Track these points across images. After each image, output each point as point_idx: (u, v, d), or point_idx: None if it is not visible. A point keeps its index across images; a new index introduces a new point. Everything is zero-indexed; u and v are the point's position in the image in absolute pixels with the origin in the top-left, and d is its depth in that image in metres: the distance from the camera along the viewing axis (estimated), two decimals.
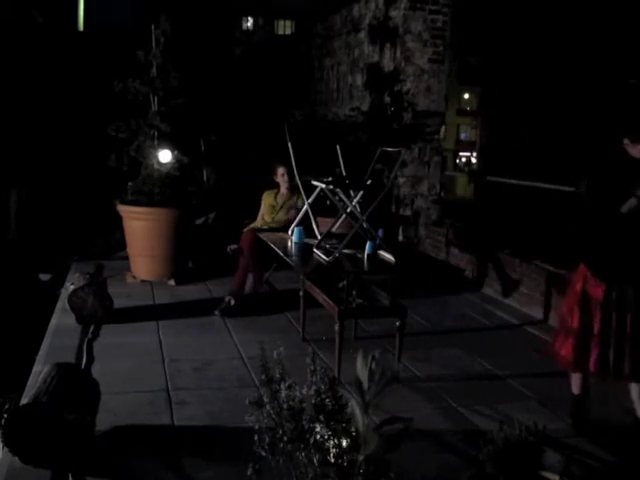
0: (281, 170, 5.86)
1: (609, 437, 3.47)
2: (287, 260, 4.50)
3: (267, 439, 2.01)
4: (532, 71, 10.57)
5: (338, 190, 4.63)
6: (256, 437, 2.03)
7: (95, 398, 3.15)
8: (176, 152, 6.45)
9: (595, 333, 3.37)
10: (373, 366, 1.73)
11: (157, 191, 6.29)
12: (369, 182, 4.86)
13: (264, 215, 6.00)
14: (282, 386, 2.05)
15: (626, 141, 3.36)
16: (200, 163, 7.71)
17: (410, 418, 1.93)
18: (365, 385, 1.72)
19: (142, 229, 6.26)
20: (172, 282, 6.27)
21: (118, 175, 6.44)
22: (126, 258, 6.56)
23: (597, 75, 9.79)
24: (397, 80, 7.85)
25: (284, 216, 5.84)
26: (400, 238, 7.95)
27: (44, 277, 6.94)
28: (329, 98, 10.14)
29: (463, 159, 31.92)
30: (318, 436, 1.93)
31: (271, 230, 5.56)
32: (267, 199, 6.03)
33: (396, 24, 7.88)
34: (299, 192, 5.54)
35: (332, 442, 1.90)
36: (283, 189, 5.97)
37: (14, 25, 10.57)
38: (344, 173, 5.04)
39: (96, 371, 3.32)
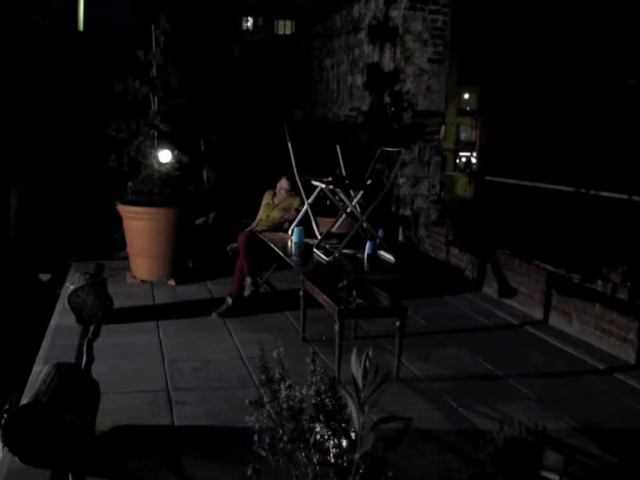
0: (284, 184, 5.89)
1: (609, 437, 3.47)
2: (287, 260, 4.51)
3: (267, 439, 2.01)
4: (532, 71, 10.57)
5: (338, 190, 4.64)
6: (256, 437, 2.03)
7: (95, 398, 3.16)
8: (176, 152, 6.45)
9: None
10: (367, 364, 1.73)
11: (157, 191, 6.29)
12: (369, 182, 4.86)
13: (261, 214, 6.04)
14: (282, 386, 2.05)
15: None
16: (200, 163, 7.72)
17: (409, 418, 1.93)
18: (360, 383, 1.72)
19: (142, 229, 6.26)
20: (172, 282, 6.27)
21: (118, 175, 6.44)
22: (126, 258, 6.55)
23: (597, 75, 9.79)
24: (397, 80, 7.85)
25: (278, 214, 5.88)
26: (400, 238, 7.95)
27: (44, 277, 6.94)
28: (329, 98, 10.14)
29: (463, 159, 31.96)
30: (318, 436, 1.93)
31: (268, 230, 5.58)
32: (266, 198, 6.07)
33: (396, 24, 7.88)
34: (297, 194, 5.55)
35: (332, 442, 1.90)
36: (281, 193, 6.02)
37: (14, 25, 10.57)
38: (344, 173, 5.05)
39: (96, 371, 3.32)
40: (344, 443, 1.87)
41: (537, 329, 5.35)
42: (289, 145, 4.98)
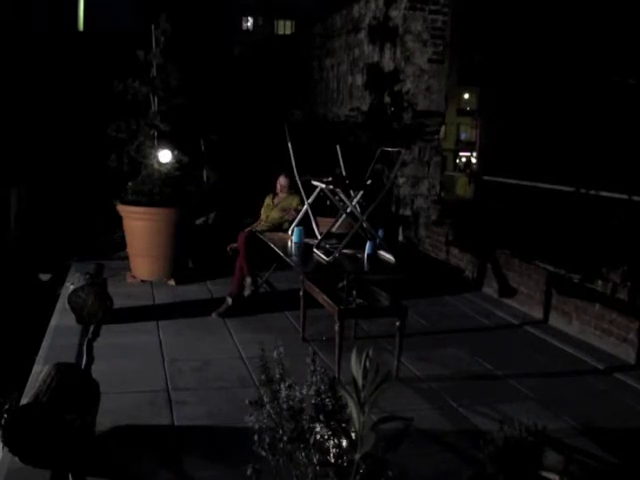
0: (282, 181, 5.94)
1: (609, 437, 3.47)
2: (287, 260, 4.50)
3: (267, 439, 2.01)
4: (532, 71, 10.57)
5: (338, 190, 4.64)
6: (256, 437, 2.03)
7: (95, 398, 3.16)
8: (176, 152, 6.45)
9: None
10: (367, 364, 1.73)
11: (157, 191, 6.29)
12: (369, 182, 4.86)
13: (261, 215, 6.06)
14: (282, 386, 2.05)
15: None
16: (200, 163, 7.72)
17: (410, 418, 1.93)
18: (360, 383, 1.72)
19: (142, 229, 6.26)
20: (172, 282, 6.27)
21: (118, 175, 6.44)
22: (126, 258, 6.55)
23: (597, 75, 9.79)
24: (397, 80, 7.85)
25: (277, 214, 5.90)
26: (400, 238, 7.95)
27: (44, 277, 6.94)
28: (329, 98, 10.14)
29: (463, 159, 31.96)
30: (318, 436, 1.93)
31: (269, 230, 5.59)
32: (267, 200, 6.10)
33: (396, 24, 7.88)
34: (296, 193, 5.55)
35: (332, 442, 1.90)
36: (281, 193, 6.03)
37: (14, 25, 10.58)
38: (344, 173, 5.05)
39: (96, 371, 3.32)
40: (344, 443, 1.87)
41: (537, 329, 5.35)
42: (289, 145, 4.98)
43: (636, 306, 4.69)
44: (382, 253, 4.50)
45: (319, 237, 4.63)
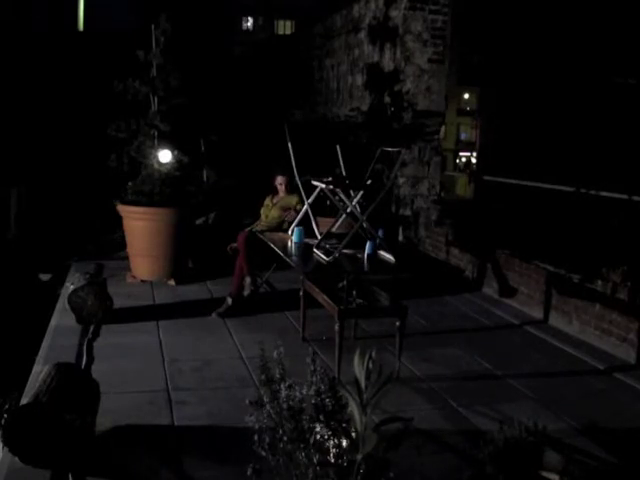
0: (279, 180, 5.95)
1: (609, 437, 3.47)
2: (287, 260, 4.50)
3: (267, 439, 2.01)
4: (532, 71, 10.57)
5: (338, 190, 4.64)
6: (256, 437, 2.03)
7: (95, 398, 3.16)
8: (176, 152, 6.45)
9: None
10: (370, 365, 1.73)
11: (157, 191, 6.29)
12: (369, 182, 4.86)
13: (262, 214, 6.07)
14: (282, 386, 2.05)
15: None
16: (200, 163, 7.72)
17: (410, 418, 1.93)
18: (362, 384, 1.72)
19: (142, 229, 6.26)
20: (172, 282, 6.27)
21: (118, 175, 6.44)
22: (126, 258, 6.55)
23: (597, 75, 9.80)
24: (397, 80, 7.85)
25: (276, 213, 5.90)
26: (400, 238, 7.95)
27: (44, 277, 6.94)
28: (329, 98, 10.14)
29: (463, 159, 31.98)
30: (318, 436, 1.93)
31: (268, 230, 5.59)
32: (266, 200, 6.11)
33: (396, 24, 7.88)
34: (296, 192, 5.56)
35: (332, 442, 1.90)
36: (280, 192, 6.04)
37: (14, 25, 10.58)
38: (344, 173, 5.05)
39: (96, 371, 3.32)
40: (344, 443, 1.87)
41: (537, 329, 5.35)
42: (289, 145, 4.98)
43: (636, 306, 4.69)
44: (382, 253, 4.50)
45: (319, 237, 4.63)
